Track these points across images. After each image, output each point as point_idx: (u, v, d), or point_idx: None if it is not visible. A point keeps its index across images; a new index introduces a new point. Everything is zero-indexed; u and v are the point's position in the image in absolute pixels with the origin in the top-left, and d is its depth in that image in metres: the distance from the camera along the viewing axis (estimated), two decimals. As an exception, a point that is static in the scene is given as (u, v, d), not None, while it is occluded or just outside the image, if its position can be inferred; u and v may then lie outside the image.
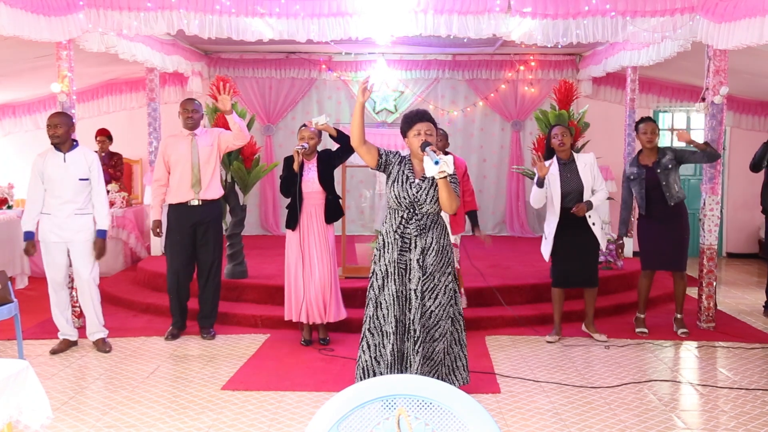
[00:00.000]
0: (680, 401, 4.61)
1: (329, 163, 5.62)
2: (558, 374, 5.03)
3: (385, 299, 4.19)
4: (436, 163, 3.87)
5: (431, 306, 4.17)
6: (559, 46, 6.65)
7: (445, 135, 6.07)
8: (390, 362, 4.15)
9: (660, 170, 5.83)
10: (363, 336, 4.28)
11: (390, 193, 4.22)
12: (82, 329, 5.87)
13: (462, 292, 6.06)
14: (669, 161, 5.84)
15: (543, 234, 5.96)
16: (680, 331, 6.02)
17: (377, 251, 4.28)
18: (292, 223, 5.56)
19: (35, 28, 5.40)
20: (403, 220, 4.18)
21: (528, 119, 10.30)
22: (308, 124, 5.56)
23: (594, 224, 5.72)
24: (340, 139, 5.49)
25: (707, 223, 6.29)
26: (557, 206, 5.70)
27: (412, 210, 4.17)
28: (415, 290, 4.14)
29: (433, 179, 4.13)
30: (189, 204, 5.77)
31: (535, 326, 6.20)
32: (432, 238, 4.16)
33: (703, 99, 6.23)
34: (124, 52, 7.05)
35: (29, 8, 5.30)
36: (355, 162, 7.26)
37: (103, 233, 5.48)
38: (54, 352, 5.51)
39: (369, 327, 4.26)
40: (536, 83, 10.38)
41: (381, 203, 8.84)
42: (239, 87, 8.77)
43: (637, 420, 4.19)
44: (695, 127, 10.28)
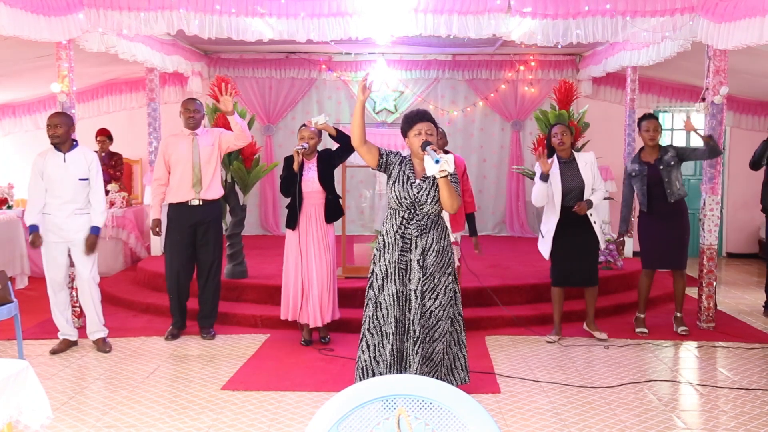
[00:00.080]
0: (680, 401, 4.61)
1: (329, 163, 5.62)
2: (558, 374, 5.03)
3: (385, 299, 4.19)
4: (437, 162, 3.87)
5: (431, 306, 4.17)
6: (559, 46, 6.65)
7: (444, 134, 6.06)
8: (389, 362, 4.15)
9: (662, 167, 5.83)
10: (362, 336, 4.29)
11: (391, 194, 4.22)
12: (82, 329, 5.87)
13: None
14: (671, 158, 5.84)
15: (539, 233, 5.95)
16: (680, 330, 6.02)
17: (377, 251, 4.28)
18: (292, 223, 5.56)
19: (35, 28, 5.40)
20: (404, 221, 4.18)
21: (528, 119, 10.29)
22: (308, 124, 5.56)
23: (595, 222, 5.72)
24: (340, 139, 5.50)
25: (707, 223, 6.29)
26: (558, 204, 5.70)
27: (413, 210, 4.18)
28: (415, 291, 4.14)
29: (434, 179, 4.14)
30: (189, 204, 5.78)
31: (535, 326, 6.20)
32: (432, 239, 4.16)
33: (703, 99, 6.23)
34: (124, 52, 7.05)
35: (29, 8, 5.30)
36: (355, 162, 7.26)
37: (97, 230, 5.48)
38: (54, 352, 5.51)
39: (368, 327, 4.26)
40: (536, 83, 10.38)
41: (381, 203, 8.84)
42: (239, 87, 8.77)
43: (637, 420, 4.19)
44: (695, 127, 10.27)
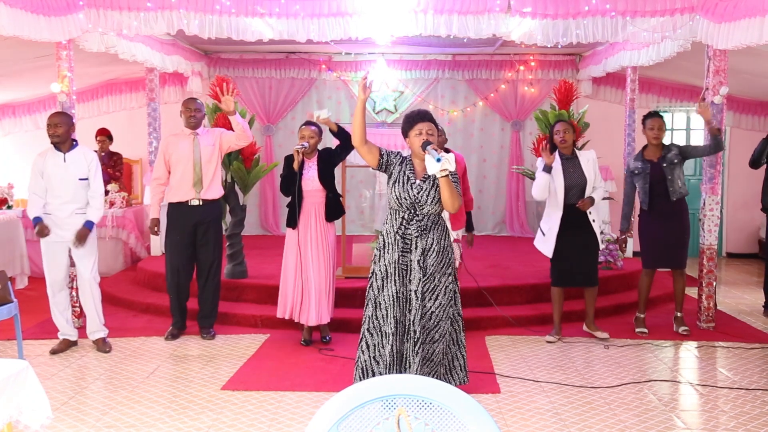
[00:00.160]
0: (680, 401, 4.61)
1: (330, 162, 5.62)
2: (558, 374, 5.03)
3: (385, 300, 4.19)
4: (438, 161, 3.87)
5: (432, 307, 4.17)
6: (559, 46, 6.65)
7: (443, 131, 6.06)
8: (389, 363, 4.15)
9: (666, 164, 5.84)
10: (362, 336, 4.29)
11: (391, 194, 4.22)
12: (82, 329, 5.87)
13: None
14: (674, 156, 5.85)
15: (540, 230, 5.91)
16: (681, 330, 6.02)
17: (377, 251, 4.29)
18: (292, 222, 5.57)
19: (35, 28, 5.40)
20: (404, 221, 4.18)
21: (528, 119, 10.29)
22: (309, 116, 5.56)
23: (594, 221, 5.72)
24: (340, 135, 5.49)
25: (707, 223, 6.29)
26: (561, 199, 5.68)
27: (413, 211, 4.18)
28: (416, 291, 4.14)
29: (434, 180, 4.14)
30: (189, 204, 5.78)
31: (535, 326, 6.19)
32: (433, 239, 4.16)
33: (703, 99, 6.23)
34: (124, 52, 7.05)
35: (29, 8, 5.30)
36: (356, 162, 7.26)
37: (90, 224, 5.47)
38: (54, 352, 5.51)
39: (368, 327, 4.26)
40: (536, 83, 10.37)
41: (381, 203, 8.84)
42: (239, 87, 8.76)
43: (637, 420, 4.19)
44: (695, 127, 10.29)
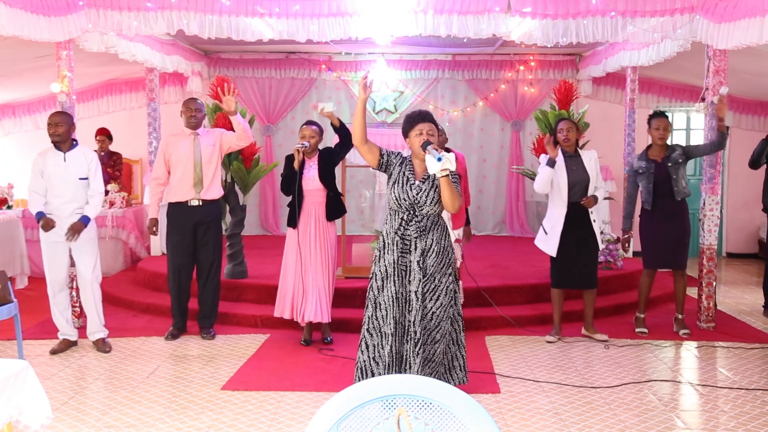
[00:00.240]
0: (680, 401, 4.61)
1: (330, 161, 5.62)
2: (558, 374, 5.03)
3: (384, 300, 4.20)
4: (439, 160, 3.87)
5: (432, 307, 4.16)
6: (559, 46, 6.65)
7: (443, 131, 6.06)
8: (388, 363, 4.15)
9: (671, 164, 5.84)
10: (362, 336, 4.29)
11: (390, 195, 4.22)
12: (82, 329, 5.87)
13: (460, 285, 6.03)
14: (679, 156, 5.86)
15: (542, 229, 5.89)
16: (681, 332, 6.02)
17: (377, 252, 4.29)
18: (292, 221, 5.57)
19: (35, 28, 5.40)
20: (404, 222, 4.18)
21: (528, 119, 10.29)
22: (314, 107, 5.56)
23: (594, 221, 5.73)
24: (341, 131, 5.49)
25: (707, 223, 6.29)
26: (564, 195, 5.67)
27: (412, 212, 4.18)
28: (416, 292, 4.14)
29: (434, 181, 4.14)
30: (189, 204, 5.78)
31: (535, 326, 6.19)
32: (432, 240, 4.16)
33: (703, 99, 6.23)
34: (124, 52, 7.05)
35: (29, 8, 5.30)
36: (356, 162, 7.27)
37: (86, 219, 5.46)
38: (54, 352, 5.51)
39: (368, 327, 4.27)
40: (536, 83, 10.37)
41: (381, 203, 8.84)
42: (239, 87, 8.77)
43: (637, 420, 4.19)
44: (695, 127, 10.29)
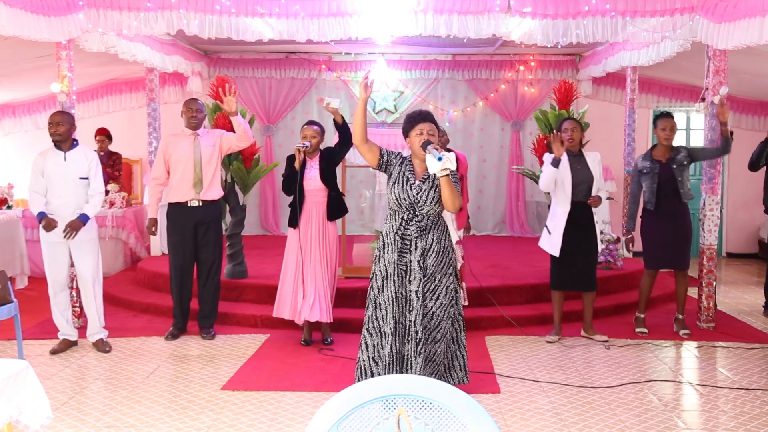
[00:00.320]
0: (680, 401, 4.61)
1: (331, 161, 5.63)
2: (558, 374, 5.03)
3: (384, 300, 4.20)
4: (440, 160, 3.87)
5: (432, 307, 4.17)
6: (559, 46, 6.65)
7: (445, 132, 6.07)
8: (388, 363, 4.15)
9: (675, 166, 5.85)
10: (362, 336, 4.30)
11: (390, 195, 4.23)
12: (82, 329, 5.87)
13: (462, 287, 6.04)
14: (684, 158, 5.86)
15: (545, 229, 5.88)
16: (682, 332, 6.01)
17: (377, 252, 4.29)
18: (294, 221, 5.57)
19: (35, 28, 5.40)
20: (404, 222, 4.18)
21: (528, 119, 10.28)
22: (320, 100, 5.56)
23: (597, 222, 5.74)
24: (342, 129, 5.48)
25: (707, 223, 6.29)
26: (569, 193, 5.67)
27: (412, 211, 4.18)
28: (416, 292, 4.14)
29: (434, 180, 4.14)
30: (189, 204, 5.77)
31: (535, 326, 6.19)
32: (432, 240, 4.16)
33: (703, 99, 6.23)
34: (124, 52, 7.05)
35: (29, 8, 5.30)
36: (356, 162, 7.27)
37: (85, 217, 5.45)
38: (54, 352, 5.51)
39: (368, 327, 4.27)
40: (536, 83, 10.37)
41: (381, 203, 8.84)
42: (239, 87, 8.75)
43: (637, 420, 4.19)
44: (695, 127, 10.28)
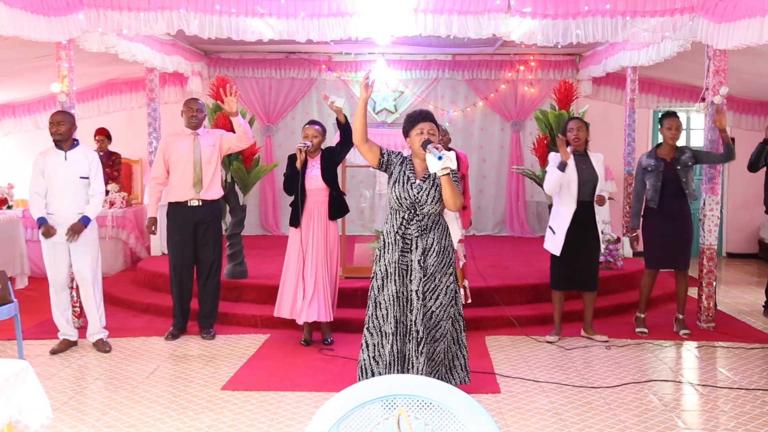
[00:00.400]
0: (680, 401, 4.61)
1: (333, 160, 5.63)
2: (558, 374, 5.03)
3: (385, 299, 4.20)
4: (440, 159, 3.87)
5: (432, 307, 4.17)
6: (559, 46, 6.64)
7: (446, 131, 6.07)
8: (388, 362, 4.15)
9: (680, 166, 5.85)
10: (363, 335, 4.30)
11: (391, 194, 4.23)
12: (82, 329, 5.87)
13: (465, 285, 6.04)
14: (688, 159, 5.86)
15: (549, 229, 5.86)
16: (682, 332, 6.01)
17: (378, 251, 4.29)
18: (295, 221, 5.57)
19: (35, 28, 5.40)
20: (404, 221, 4.19)
21: (528, 119, 10.28)
22: (324, 97, 5.57)
23: (599, 222, 5.75)
24: (345, 128, 5.49)
25: (707, 223, 6.29)
26: (575, 193, 5.65)
27: (413, 211, 4.18)
28: (417, 291, 4.14)
29: (434, 180, 4.14)
30: (189, 204, 5.78)
31: (535, 326, 6.19)
32: (433, 239, 4.16)
33: (703, 99, 6.23)
34: (124, 52, 7.05)
35: (29, 8, 5.30)
36: (356, 162, 7.26)
37: (86, 220, 5.45)
38: (54, 352, 5.51)
39: (368, 327, 4.28)
40: (536, 83, 10.37)
41: (381, 203, 8.83)
42: (239, 87, 8.77)
43: (637, 420, 4.19)
44: (695, 127, 10.28)
